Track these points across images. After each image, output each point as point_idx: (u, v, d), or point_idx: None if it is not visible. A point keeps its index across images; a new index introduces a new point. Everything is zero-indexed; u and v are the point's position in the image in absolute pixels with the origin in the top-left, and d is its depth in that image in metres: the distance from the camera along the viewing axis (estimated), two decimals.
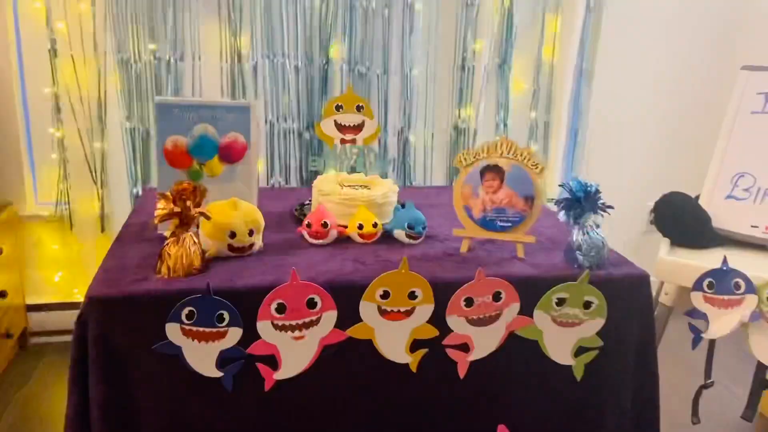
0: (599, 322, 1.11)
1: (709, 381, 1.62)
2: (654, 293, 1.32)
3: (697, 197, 1.41)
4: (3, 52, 2.11)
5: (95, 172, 2.23)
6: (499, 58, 2.41)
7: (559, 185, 1.15)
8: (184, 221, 1.02)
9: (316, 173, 2.25)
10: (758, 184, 1.36)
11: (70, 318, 2.26)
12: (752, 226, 1.34)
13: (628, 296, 1.13)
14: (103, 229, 2.28)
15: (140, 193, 2.25)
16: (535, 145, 2.50)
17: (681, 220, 1.34)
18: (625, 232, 1.71)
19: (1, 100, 2.14)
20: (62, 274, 2.31)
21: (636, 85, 2.56)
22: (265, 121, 2.26)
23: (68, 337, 2.22)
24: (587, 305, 1.09)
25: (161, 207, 1.00)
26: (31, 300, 2.30)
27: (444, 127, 2.45)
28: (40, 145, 2.24)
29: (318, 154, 2.30)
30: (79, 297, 2.34)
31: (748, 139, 1.40)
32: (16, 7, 2.13)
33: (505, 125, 2.47)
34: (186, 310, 0.97)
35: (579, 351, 1.13)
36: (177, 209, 1.00)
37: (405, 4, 2.29)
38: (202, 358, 0.99)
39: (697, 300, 1.22)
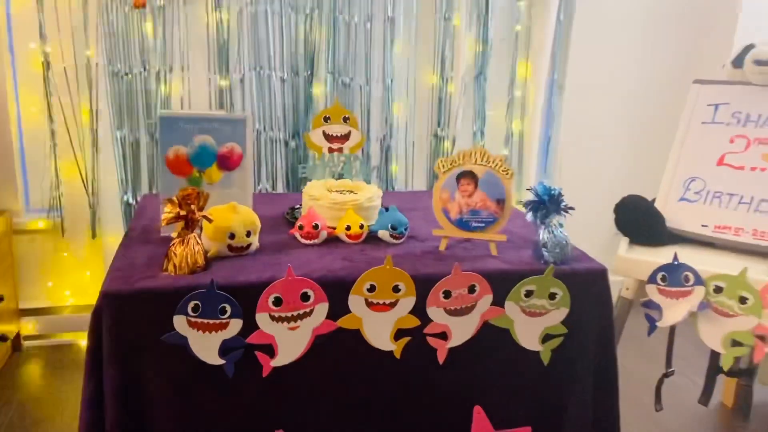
0: (563, 312, 1.25)
1: (670, 370, 1.77)
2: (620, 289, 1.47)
3: (654, 200, 1.56)
4: None
5: (87, 180, 2.33)
6: (476, 69, 2.56)
7: (527, 189, 1.29)
8: (189, 224, 1.14)
9: (303, 179, 2.39)
10: (707, 188, 1.52)
11: (62, 322, 2.37)
12: (702, 226, 1.49)
13: (588, 288, 1.26)
14: (94, 236, 2.37)
15: (130, 200, 2.36)
16: (509, 152, 2.66)
17: (638, 220, 1.49)
18: (596, 233, 1.84)
19: None
20: (54, 279, 2.40)
21: (604, 96, 2.73)
22: (253, 130, 2.38)
23: (60, 341, 2.32)
24: (552, 296, 1.23)
25: (168, 211, 1.12)
26: (24, 305, 2.39)
27: (424, 136, 2.59)
28: (32, 155, 2.33)
29: (304, 163, 2.43)
30: (72, 301, 2.43)
31: (699, 146, 1.56)
32: (10, 22, 2.23)
33: (482, 134, 2.61)
34: (192, 304, 1.08)
35: (546, 338, 1.26)
36: (182, 213, 1.12)
37: (386, 18, 2.43)
38: (206, 347, 1.11)
39: (652, 292, 1.36)
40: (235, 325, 1.11)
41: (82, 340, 2.45)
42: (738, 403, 2.07)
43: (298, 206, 1.52)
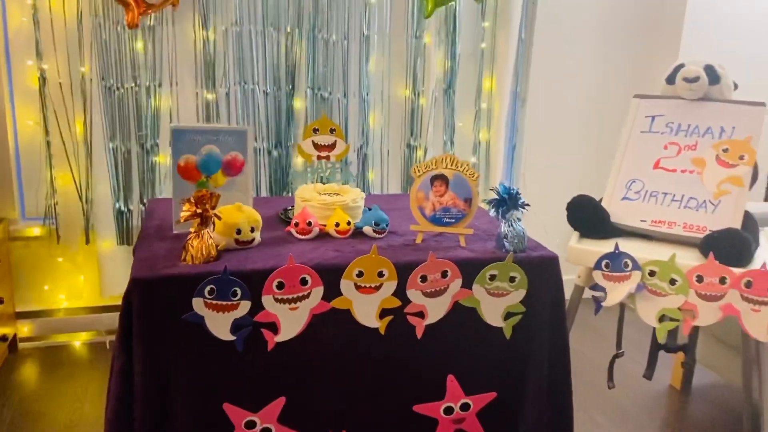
0: (522, 293, 1.50)
1: (620, 351, 2.04)
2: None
3: (601, 199, 1.83)
4: None
5: (81, 189, 2.52)
6: (445, 83, 2.82)
7: (490, 189, 1.55)
8: (204, 220, 1.36)
9: (288, 185, 2.63)
10: (646, 188, 1.79)
11: (56, 324, 2.54)
12: (641, 221, 1.76)
13: (543, 272, 1.52)
14: (87, 242, 2.55)
15: (122, 207, 2.55)
16: (477, 159, 2.93)
17: (586, 217, 1.75)
18: (558, 230, 2.08)
19: None
20: (50, 284, 2.58)
21: (562, 108, 3.03)
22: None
23: (55, 342, 2.50)
24: (512, 279, 1.49)
25: (186, 209, 1.34)
26: (21, 308, 2.56)
27: (398, 145, 2.84)
28: (28, 166, 2.51)
29: (287, 170, 2.66)
30: (66, 304, 2.61)
31: (639, 153, 1.84)
32: (8, 40, 2.41)
33: (452, 143, 2.87)
34: (208, 288, 1.31)
35: (507, 315, 1.51)
36: (198, 211, 1.35)
37: (361, 37, 2.67)
38: (220, 325, 1.33)
39: (598, 277, 1.63)
40: (245, 306, 1.34)
41: (76, 341, 2.63)
42: (684, 381, 2.36)
43: (290, 207, 1.75)
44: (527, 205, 1.53)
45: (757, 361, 1.76)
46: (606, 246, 1.66)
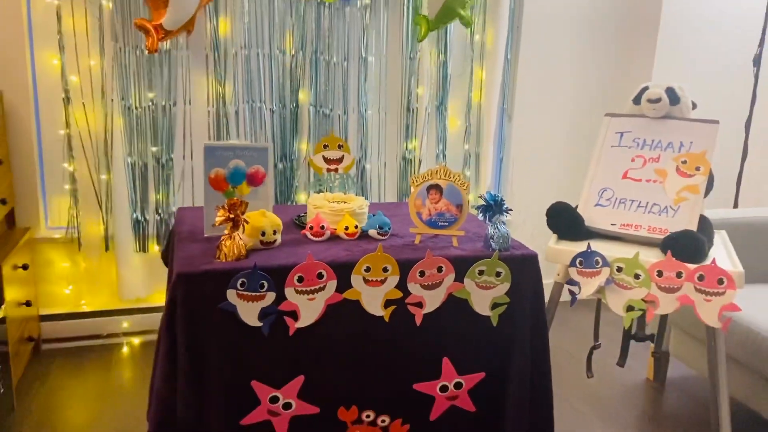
0: (506, 286, 1.78)
1: (597, 343, 2.32)
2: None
3: (577, 205, 2.11)
4: (23, 102, 2.64)
5: (101, 200, 2.78)
6: (437, 101, 3.12)
7: (479, 197, 1.83)
8: (235, 224, 1.63)
9: (294, 194, 2.91)
10: (615, 196, 2.08)
11: (77, 326, 2.79)
12: (611, 224, 2.04)
13: (524, 268, 1.80)
14: (107, 249, 2.81)
15: (139, 217, 2.82)
16: (468, 171, 3.22)
17: (563, 221, 2.04)
18: (543, 232, 2.33)
19: (21, 143, 2.66)
20: (71, 288, 2.83)
21: (545, 122, 3.33)
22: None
23: (76, 343, 2.75)
24: (498, 274, 1.77)
25: (220, 215, 1.62)
26: (44, 311, 2.81)
27: (394, 157, 3.13)
28: (51, 179, 2.77)
29: (291, 181, 2.94)
30: (86, 308, 2.86)
31: (609, 164, 2.13)
32: (34, 64, 2.68)
33: (444, 155, 3.17)
34: (240, 281, 1.58)
35: (494, 306, 1.79)
36: (231, 216, 1.62)
37: (360, 58, 2.96)
38: (249, 313, 1.60)
39: (573, 272, 1.91)
40: (270, 297, 1.61)
41: (95, 341, 2.88)
42: (655, 372, 2.65)
43: (302, 214, 2.03)
44: (510, 210, 1.82)
45: (714, 351, 2.04)
46: (580, 246, 1.94)
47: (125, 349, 2.86)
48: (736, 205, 3.21)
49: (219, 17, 2.74)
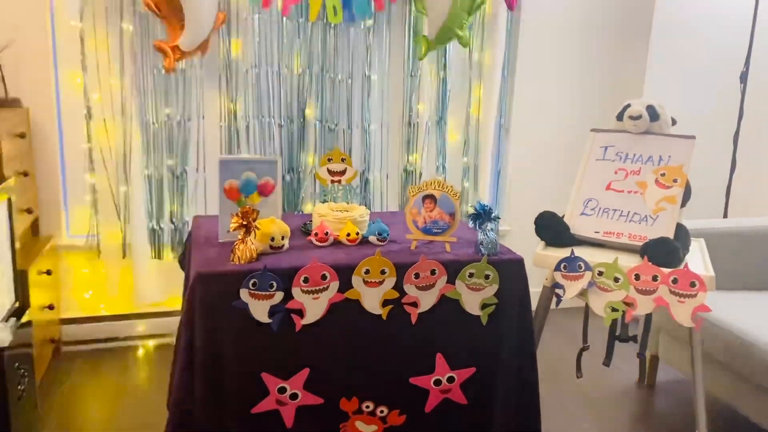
0: (495, 287, 1.98)
1: (586, 345, 2.50)
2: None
3: (564, 215, 2.31)
4: (48, 118, 2.88)
5: (119, 210, 3.00)
6: (437, 116, 3.33)
7: (470, 206, 2.03)
8: (247, 230, 1.84)
9: (300, 203, 3.11)
10: (600, 206, 2.28)
11: (95, 329, 3.01)
12: (595, 232, 2.23)
13: (511, 272, 1.99)
14: (124, 256, 3.03)
15: (155, 226, 3.04)
16: (467, 183, 3.42)
17: (550, 229, 2.23)
18: (537, 242, 2.53)
19: (45, 156, 2.90)
20: (91, 293, 3.05)
21: (542, 136, 3.54)
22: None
23: (95, 346, 2.96)
24: (487, 277, 1.96)
25: (234, 221, 1.83)
26: (65, 314, 3.03)
27: (396, 170, 3.34)
28: (73, 190, 3.00)
29: (298, 192, 3.16)
30: (104, 312, 3.08)
31: (594, 176, 2.32)
32: (58, 82, 2.92)
33: (444, 168, 3.38)
34: (252, 281, 1.78)
35: (484, 306, 1.99)
36: (244, 223, 1.83)
37: (363, 75, 3.18)
38: (260, 310, 1.80)
39: (558, 276, 2.11)
40: (279, 296, 1.81)
41: (113, 345, 3.09)
42: (641, 372, 2.83)
43: (308, 222, 2.24)
44: (498, 218, 2.02)
45: (691, 352, 2.22)
46: (566, 252, 2.14)
47: (141, 352, 3.07)
48: (725, 215, 3.39)
49: (231, 38, 2.97)
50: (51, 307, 2.80)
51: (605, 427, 2.62)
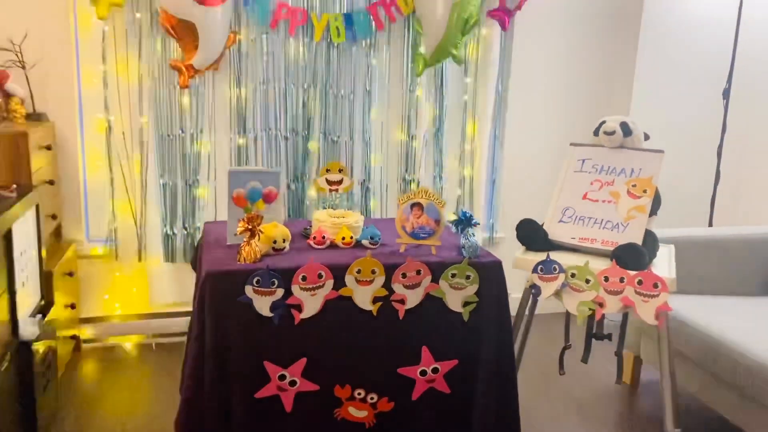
0: (475, 287, 2.23)
1: (568, 344, 2.74)
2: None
3: (544, 222, 2.56)
4: (71, 132, 3.18)
5: (136, 216, 3.29)
6: (434, 128, 3.59)
7: (452, 213, 2.30)
8: (253, 234, 2.11)
9: (303, 210, 3.38)
10: (576, 214, 2.52)
11: (112, 328, 3.30)
12: (572, 238, 2.48)
13: (490, 273, 2.25)
14: (140, 260, 3.32)
15: (169, 232, 3.32)
16: (462, 192, 3.68)
17: (530, 235, 2.49)
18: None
19: (68, 166, 3.19)
20: (109, 294, 3.34)
21: (535, 148, 3.79)
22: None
23: (111, 343, 3.25)
24: (468, 277, 2.22)
25: (241, 226, 2.10)
26: (84, 314, 3.31)
27: (395, 180, 3.61)
28: (94, 198, 3.29)
29: (302, 200, 3.43)
30: (121, 311, 3.37)
31: (572, 187, 2.57)
32: (81, 99, 3.22)
33: (441, 178, 3.63)
34: (255, 278, 2.05)
35: (465, 304, 2.24)
36: (249, 227, 2.10)
37: (364, 91, 3.45)
38: (263, 305, 2.07)
39: (534, 278, 2.36)
40: (280, 292, 2.08)
41: (128, 343, 3.38)
42: (618, 370, 3.07)
43: (308, 227, 2.51)
44: (477, 223, 2.28)
45: (658, 349, 2.45)
46: (544, 256, 2.39)
47: (155, 350, 3.35)
48: (710, 224, 3.62)
49: (242, 57, 3.25)
50: (72, 306, 3.09)
51: (590, 425, 2.85)
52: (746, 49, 3.49)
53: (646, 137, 2.60)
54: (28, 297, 2.42)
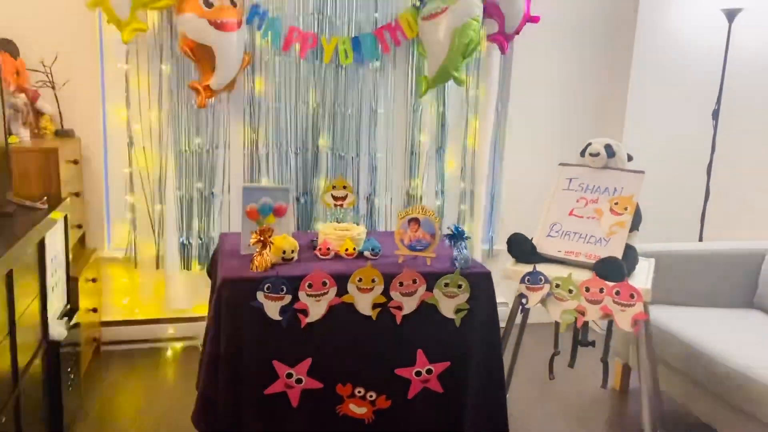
0: (466, 295, 2.51)
1: (557, 350, 3.00)
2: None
3: (533, 237, 2.83)
4: (96, 147, 3.49)
5: (154, 226, 3.60)
6: (437, 145, 3.87)
7: (447, 227, 2.58)
8: (264, 245, 2.41)
9: (312, 222, 3.66)
10: (563, 229, 2.79)
11: (131, 332, 3.61)
12: (558, 251, 2.75)
13: (480, 283, 2.52)
14: (158, 267, 3.62)
15: (185, 241, 3.62)
16: (464, 206, 3.96)
17: (519, 248, 2.76)
18: None
19: (93, 179, 3.51)
20: (128, 300, 3.64)
21: (534, 163, 4.06)
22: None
23: (132, 346, 3.57)
24: (459, 286, 2.49)
25: (254, 238, 2.39)
26: (105, 318, 3.61)
27: (399, 194, 3.89)
28: (115, 208, 3.60)
29: (311, 214, 3.73)
30: (139, 316, 3.67)
31: (560, 204, 2.85)
32: (105, 116, 3.53)
33: (443, 192, 3.91)
34: (266, 285, 2.33)
35: (457, 311, 2.51)
36: (261, 239, 2.39)
37: (371, 110, 3.73)
38: (273, 309, 2.36)
39: (522, 288, 2.63)
40: (288, 298, 2.36)
41: (146, 345, 3.68)
42: (604, 375, 3.32)
43: (315, 239, 2.80)
44: (469, 237, 2.56)
45: (638, 355, 2.71)
46: (531, 268, 2.66)
47: (170, 352, 3.65)
48: (701, 239, 3.87)
49: (255, 77, 3.55)
50: (94, 311, 3.39)
51: (579, 429, 3.11)
52: (734, 73, 3.76)
53: (629, 158, 2.87)
54: (57, 300, 2.72)
